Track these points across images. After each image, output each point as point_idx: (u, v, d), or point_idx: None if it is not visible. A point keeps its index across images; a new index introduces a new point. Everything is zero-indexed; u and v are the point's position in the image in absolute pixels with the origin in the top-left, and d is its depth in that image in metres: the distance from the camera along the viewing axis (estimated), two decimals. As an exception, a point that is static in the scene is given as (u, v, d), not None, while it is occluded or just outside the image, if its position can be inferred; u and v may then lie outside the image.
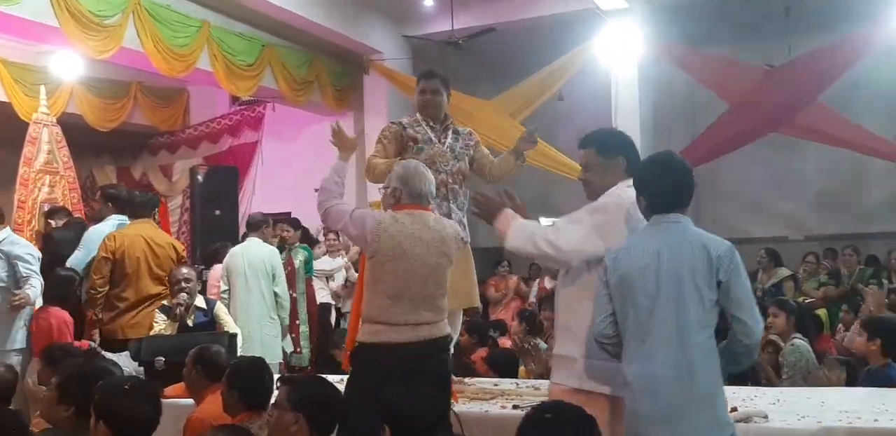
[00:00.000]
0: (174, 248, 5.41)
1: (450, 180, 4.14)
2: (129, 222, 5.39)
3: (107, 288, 5.11)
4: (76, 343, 4.79)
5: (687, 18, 9.60)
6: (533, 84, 9.32)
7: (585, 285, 2.82)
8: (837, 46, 8.19)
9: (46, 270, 5.13)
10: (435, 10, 9.52)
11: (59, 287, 5.10)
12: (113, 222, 5.39)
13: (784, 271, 7.83)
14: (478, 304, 4.55)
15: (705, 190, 11.40)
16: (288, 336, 6.43)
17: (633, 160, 2.99)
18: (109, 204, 5.45)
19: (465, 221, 4.05)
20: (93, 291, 5.09)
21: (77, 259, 5.28)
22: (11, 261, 4.92)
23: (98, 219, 5.58)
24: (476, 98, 9.07)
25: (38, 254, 5.05)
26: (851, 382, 4.48)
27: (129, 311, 5.13)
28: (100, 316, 5.13)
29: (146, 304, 5.24)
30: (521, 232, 2.93)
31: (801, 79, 8.22)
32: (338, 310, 8.07)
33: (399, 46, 10.23)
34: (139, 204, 5.46)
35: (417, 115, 4.30)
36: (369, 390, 3.00)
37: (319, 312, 7.46)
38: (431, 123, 4.25)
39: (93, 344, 4.89)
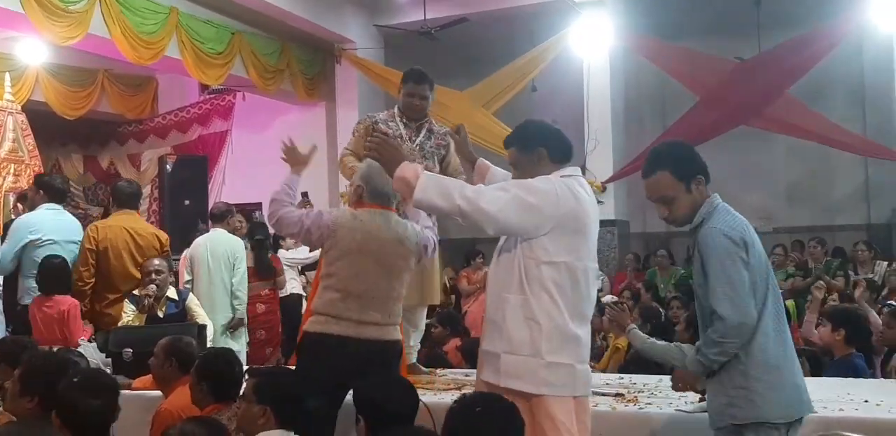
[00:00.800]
0: (157, 238, 5.31)
1: None
2: (58, 210, 5.29)
3: (93, 280, 5.04)
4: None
5: (659, 11, 9.64)
6: (506, 75, 9.32)
7: (511, 278, 2.77)
8: (806, 40, 8.26)
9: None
10: (407, 0, 9.47)
11: (57, 275, 4.91)
12: (42, 211, 5.26)
13: (752, 263, 7.91)
14: (437, 302, 4.57)
15: (675, 182, 11.51)
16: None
17: (555, 146, 2.96)
18: (41, 192, 5.31)
19: (434, 219, 4.02)
20: (80, 284, 5.01)
21: (3, 252, 5.10)
22: None
23: (31, 208, 5.42)
24: (449, 89, 9.04)
25: None
26: (816, 373, 4.53)
27: (118, 302, 5.06)
28: (89, 307, 5.07)
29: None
30: (434, 184, 2.76)
31: (770, 72, 8.29)
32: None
33: (371, 36, 10.17)
34: (126, 195, 5.33)
35: (396, 109, 4.29)
36: (316, 380, 3.02)
37: (289, 303, 7.40)
38: (406, 120, 4.25)
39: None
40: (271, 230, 6.24)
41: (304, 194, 7.93)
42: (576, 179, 2.92)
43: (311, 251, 7.36)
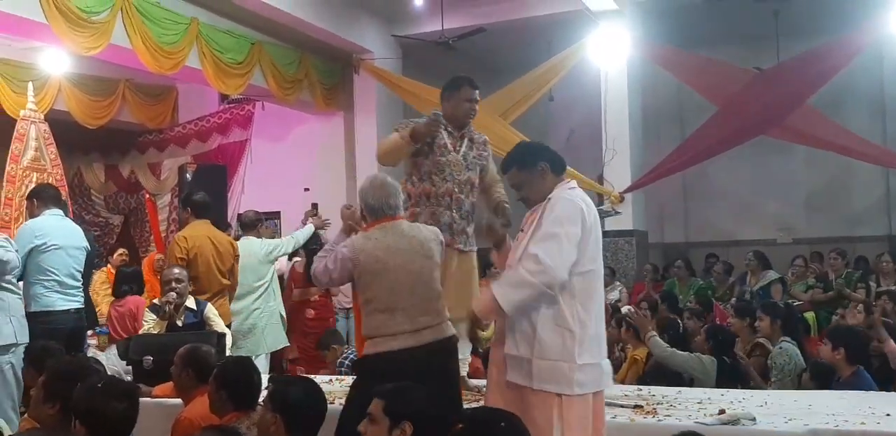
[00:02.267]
0: (231, 244, 5.75)
1: (456, 190, 4.04)
2: (61, 215, 5.35)
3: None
4: None
5: (676, 21, 9.64)
6: (523, 85, 9.33)
7: None
8: (826, 50, 8.22)
9: None
10: (425, 10, 9.51)
11: (130, 280, 6.08)
12: (46, 217, 5.31)
13: (772, 274, 7.86)
14: None
15: (694, 193, 11.48)
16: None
17: (555, 159, 3.07)
18: (35, 201, 5.39)
19: (468, 230, 4.02)
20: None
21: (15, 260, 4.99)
22: None
23: (33, 217, 5.50)
24: (466, 99, 9.07)
25: (11, 240, 4.96)
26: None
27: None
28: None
29: (217, 296, 5.52)
30: (506, 288, 2.84)
31: (789, 82, 8.25)
32: None
33: (389, 46, 10.22)
34: (203, 206, 5.68)
35: (439, 115, 4.13)
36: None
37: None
38: (451, 129, 4.12)
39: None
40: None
41: (314, 206, 7.93)
42: (578, 189, 3.03)
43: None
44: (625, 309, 6.14)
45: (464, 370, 4.25)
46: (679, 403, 3.78)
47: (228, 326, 5.57)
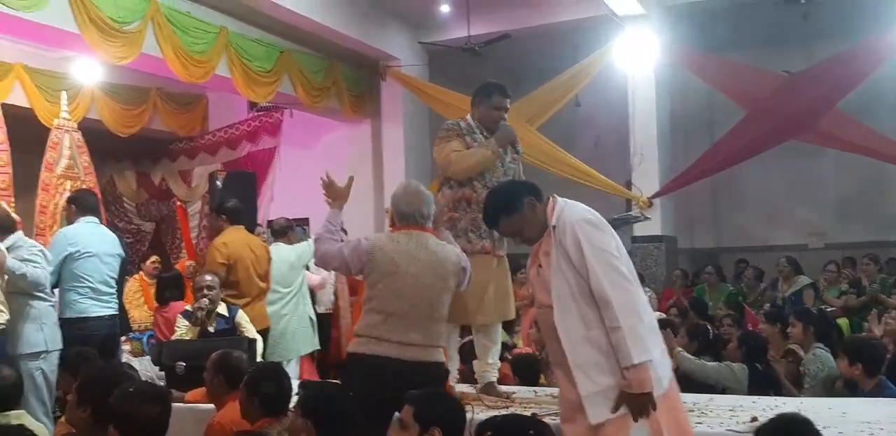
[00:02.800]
0: (265, 249, 5.95)
1: None
2: (96, 223, 5.43)
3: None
4: None
5: (704, 24, 9.58)
6: (550, 90, 9.32)
7: (588, 314, 2.75)
8: (857, 53, 8.12)
9: None
10: (451, 17, 9.55)
11: (172, 286, 6.31)
12: (80, 224, 5.40)
13: (804, 280, 7.77)
14: (513, 317, 4.50)
15: (724, 197, 11.38)
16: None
17: (532, 188, 2.99)
18: (73, 207, 5.50)
19: (496, 233, 4.04)
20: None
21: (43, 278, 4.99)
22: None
23: (69, 223, 5.62)
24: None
25: (48, 252, 5.05)
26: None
27: (248, 305, 5.54)
28: None
29: (255, 300, 5.68)
30: (631, 350, 2.65)
31: (819, 85, 8.16)
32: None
33: (415, 53, 10.27)
34: (234, 211, 5.84)
35: (470, 120, 4.17)
36: (359, 399, 3.02)
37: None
38: (486, 134, 4.13)
39: None
40: None
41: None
42: (567, 201, 2.94)
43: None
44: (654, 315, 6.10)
45: (494, 376, 4.26)
46: (710, 410, 3.74)
47: (266, 329, 5.69)
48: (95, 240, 5.33)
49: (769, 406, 3.85)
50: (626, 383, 2.65)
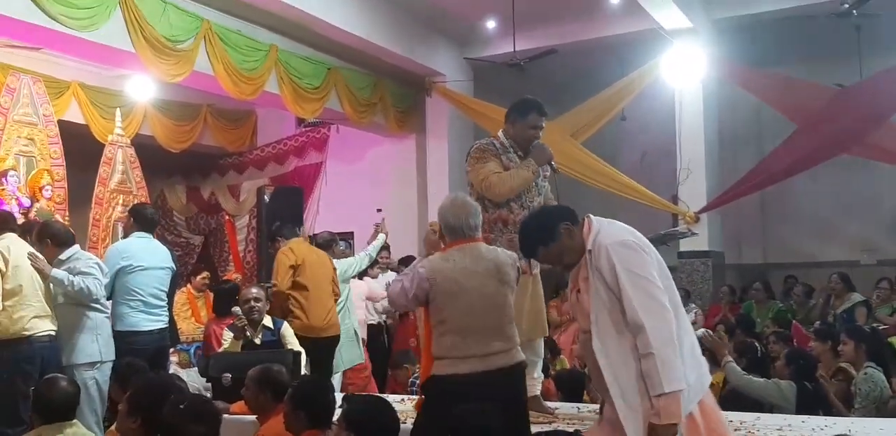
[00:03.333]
0: (327, 257, 6.18)
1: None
2: (148, 238, 5.55)
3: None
4: None
5: (753, 38, 9.49)
6: (596, 104, 9.29)
7: (626, 338, 2.69)
8: (910, 66, 7.98)
9: None
10: (497, 33, 9.60)
11: (228, 299, 6.24)
12: (132, 239, 5.52)
13: (856, 297, 7.60)
14: (547, 333, 4.49)
15: (773, 212, 11.19)
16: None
17: (565, 212, 2.92)
18: (132, 219, 5.63)
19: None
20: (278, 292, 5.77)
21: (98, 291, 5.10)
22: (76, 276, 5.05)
23: (125, 235, 5.79)
24: (538, 119, 9.07)
25: (104, 265, 5.17)
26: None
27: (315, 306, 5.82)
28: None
29: (327, 301, 5.94)
30: (662, 378, 2.59)
31: (872, 99, 8.02)
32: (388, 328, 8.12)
33: (461, 68, 10.33)
34: (288, 229, 6.18)
35: (504, 139, 4.14)
36: (442, 419, 2.97)
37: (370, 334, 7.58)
38: (521, 153, 4.12)
39: None
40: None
41: (378, 209, 8.10)
42: (602, 221, 2.87)
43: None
44: (700, 332, 6.02)
45: (538, 389, 4.24)
46: (757, 430, 3.68)
47: (337, 336, 5.89)
48: (147, 254, 5.44)
49: (819, 426, 3.77)
50: (654, 411, 2.59)
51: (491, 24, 9.43)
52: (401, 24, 9.17)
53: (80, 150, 8.25)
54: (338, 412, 3.16)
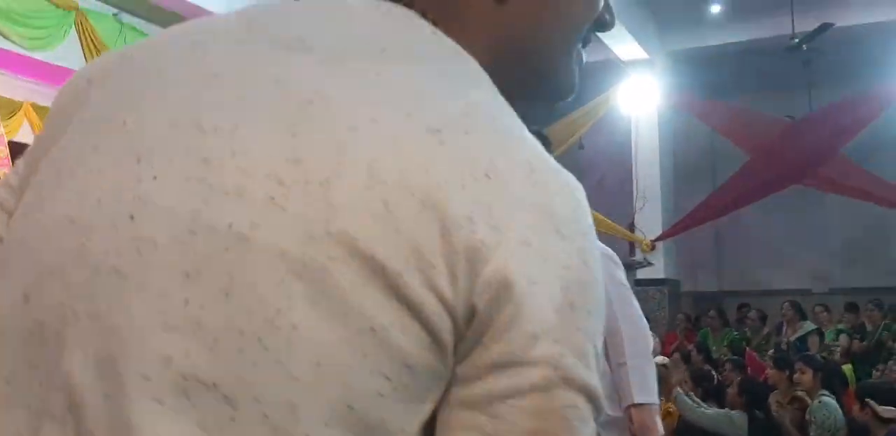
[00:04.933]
0: None
1: None
2: None
3: None
4: None
5: (708, 69, 9.67)
6: (553, 133, 9.32)
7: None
8: (859, 99, 8.20)
9: None
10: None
11: None
12: None
13: (809, 325, 7.70)
14: None
15: (727, 241, 11.34)
16: None
17: None
18: None
19: None
20: None
21: None
22: None
23: None
24: (497, 146, 9.11)
25: None
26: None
27: None
28: None
29: None
30: (639, 376, 2.58)
31: (822, 131, 8.21)
32: None
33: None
34: None
35: None
36: None
37: None
38: None
39: None
40: None
41: None
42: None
43: None
44: (657, 360, 6.03)
45: None
46: (715, 458, 3.67)
47: None
48: None
49: (775, 455, 3.78)
50: (631, 426, 2.52)
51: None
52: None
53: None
54: None
